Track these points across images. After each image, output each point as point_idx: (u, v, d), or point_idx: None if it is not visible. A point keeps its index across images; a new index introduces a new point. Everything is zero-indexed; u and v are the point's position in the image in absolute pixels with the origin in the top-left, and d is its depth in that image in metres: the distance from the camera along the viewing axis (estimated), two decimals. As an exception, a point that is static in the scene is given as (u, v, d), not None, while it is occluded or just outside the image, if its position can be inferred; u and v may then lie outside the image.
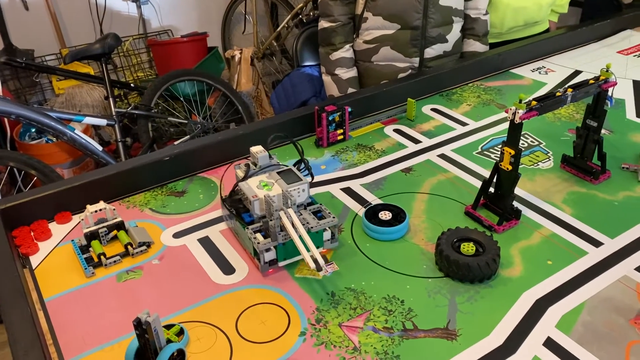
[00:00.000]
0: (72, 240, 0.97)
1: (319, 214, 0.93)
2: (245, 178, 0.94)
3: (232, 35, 3.63)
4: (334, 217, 0.91)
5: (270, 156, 0.97)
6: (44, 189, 1.04)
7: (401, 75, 1.67)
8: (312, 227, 0.88)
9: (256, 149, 0.97)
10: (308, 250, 0.84)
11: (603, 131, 1.22)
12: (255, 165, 0.96)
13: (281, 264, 0.90)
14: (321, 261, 0.82)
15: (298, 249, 0.84)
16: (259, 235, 0.88)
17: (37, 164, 1.98)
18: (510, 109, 0.91)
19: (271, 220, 0.86)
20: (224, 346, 0.77)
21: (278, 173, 0.94)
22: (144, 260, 0.94)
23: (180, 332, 0.77)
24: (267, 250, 0.87)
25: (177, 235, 0.99)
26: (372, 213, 1.00)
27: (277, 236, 0.86)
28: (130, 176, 1.10)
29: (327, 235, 0.93)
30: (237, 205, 0.95)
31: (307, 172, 1.00)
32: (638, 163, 1.14)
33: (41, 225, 1.01)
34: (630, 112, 1.37)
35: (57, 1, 3.03)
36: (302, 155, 1.01)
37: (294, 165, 0.98)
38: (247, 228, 0.89)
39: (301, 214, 0.91)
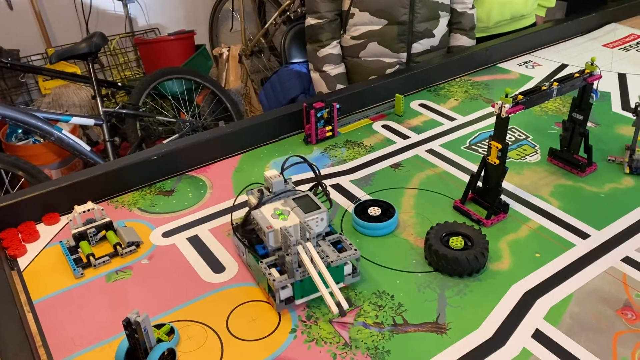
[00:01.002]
0: (61, 242, 0.97)
1: (338, 245, 0.84)
2: (258, 205, 0.85)
3: (219, 33, 3.61)
4: (355, 250, 0.82)
5: (285, 181, 0.89)
6: (31, 190, 1.04)
7: (389, 70, 1.67)
8: (332, 262, 0.80)
9: (270, 174, 0.88)
10: (327, 286, 0.76)
11: (589, 124, 1.23)
12: (269, 190, 0.88)
13: (298, 302, 0.81)
14: (344, 304, 0.74)
15: (318, 288, 0.76)
16: (274, 271, 0.79)
17: (24, 165, 1.97)
18: (497, 104, 0.91)
19: (288, 255, 0.77)
20: (215, 344, 0.77)
21: (294, 200, 0.85)
22: (133, 260, 0.93)
23: (171, 332, 0.77)
24: (283, 287, 0.79)
25: (166, 234, 0.99)
26: (361, 209, 1.00)
27: (294, 273, 0.77)
28: (118, 176, 1.10)
29: (348, 269, 0.84)
30: (249, 236, 0.87)
31: (325, 197, 0.92)
32: (624, 155, 1.15)
33: (29, 227, 1.00)
34: (616, 105, 1.38)
35: (42, 0, 3.00)
36: (319, 179, 0.92)
37: (310, 189, 0.91)
38: (261, 262, 0.81)
39: (319, 246, 0.82)
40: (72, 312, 0.84)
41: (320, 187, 0.93)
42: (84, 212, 0.96)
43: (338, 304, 0.74)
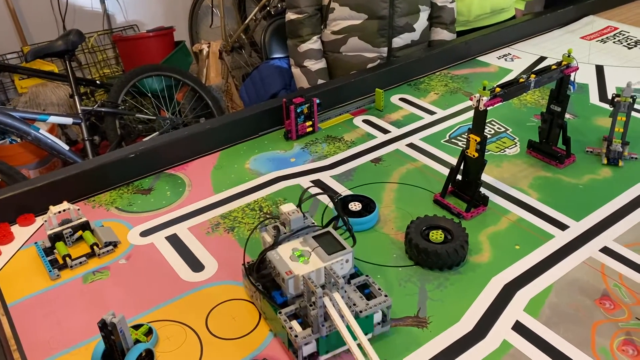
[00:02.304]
0: (36, 243, 0.95)
1: (366, 290, 0.76)
2: (275, 245, 0.75)
3: (199, 29, 3.58)
4: (386, 296, 0.73)
5: (304, 215, 0.79)
6: (5, 190, 1.01)
7: (370, 65, 1.66)
8: (360, 312, 0.71)
9: (288, 208, 0.78)
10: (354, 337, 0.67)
11: (567, 116, 1.24)
12: (285, 226, 0.78)
13: (322, 358, 0.72)
14: (376, 359, 0.64)
15: (346, 343, 0.66)
16: (295, 325, 0.70)
17: (0, 165, 1.93)
18: (475, 97, 0.91)
19: (312, 308, 0.68)
20: (194, 344, 0.76)
21: (315, 238, 0.76)
22: (110, 261, 0.92)
23: (149, 332, 0.76)
24: (307, 344, 0.69)
25: (144, 233, 0.98)
26: (342, 204, 0.99)
27: (320, 328, 0.68)
28: (95, 175, 1.08)
29: (377, 317, 0.74)
30: (264, 281, 0.76)
31: (347, 232, 0.79)
32: (602, 146, 1.16)
33: (3, 229, 0.98)
34: (594, 97, 1.39)
35: (17, -3, 2.95)
36: (340, 213, 0.79)
37: (330, 222, 0.80)
38: (280, 313, 0.71)
39: (345, 291, 0.72)
40: (48, 314, 0.82)
41: (341, 221, 0.80)
42: (59, 212, 0.94)
43: None
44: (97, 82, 2.68)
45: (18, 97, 2.85)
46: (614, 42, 1.72)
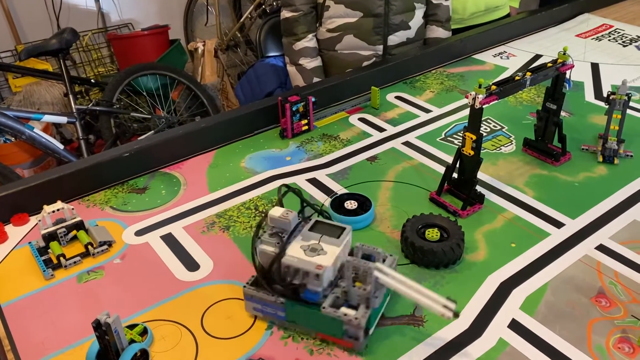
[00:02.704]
0: (30, 243, 0.94)
1: (372, 258, 0.76)
2: (282, 252, 0.73)
3: (194, 27, 3.56)
4: (391, 255, 0.77)
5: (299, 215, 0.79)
6: (-1, 190, 1.01)
7: (365, 63, 1.66)
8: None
9: (279, 212, 0.75)
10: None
11: (563, 113, 1.24)
12: (282, 232, 0.76)
13: (371, 330, 0.74)
14: (451, 303, 0.67)
15: (415, 300, 0.69)
16: (349, 311, 0.71)
17: (-6, 165, 1.92)
18: (470, 94, 0.91)
19: (361, 287, 0.70)
20: (190, 344, 0.76)
21: (311, 230, 0.76)
22: (105, 260, 0.91)
23: (144, 332, 0.76)
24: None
25: (139, 233, 0.97)
26: (337, 203, 0.99)
27: (373, 301, 0.71)
28: (89, 174, 1.07)
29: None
30: (283, 291, 0.74)
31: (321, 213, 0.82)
32: (597, 144, 1.16)
33: (-4, 228, 0.98)
34: (589, 94, 1.39)
35: (10, -4, 2.93)
36: (301, 197, 0.80)
37: (299, 212, 0.80)
38: (324, 308, 0.71)
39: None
40: (42, 314, 0.81)
41: (307, 205, 0.81)
42: (53, 211, 0.93)
43: (445, 306, 0.67)
44: (92, 80, 2.67)
45: (12, 96, 2.83)
46: (609, 40, 1.72)
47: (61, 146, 2.16)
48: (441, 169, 1.09)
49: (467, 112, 1.31)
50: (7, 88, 2.96)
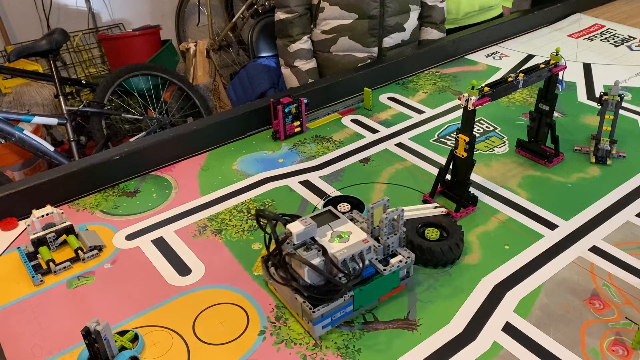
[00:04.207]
0: (19, 248, 0.93)
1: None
2: (325, 251, 0.74)
3: (186, 28, 3.54)
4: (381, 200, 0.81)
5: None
6: (-14, 194, 0.99)
7: (360, 65, 1.65)
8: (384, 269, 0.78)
9: (301, 225, 0.74)
10: None
11: (556, 114, 1.24)
12: (307, 241, 0.75)
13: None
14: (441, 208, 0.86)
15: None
16: (395, 260, 0.79)
17: (-17, 167, 1.90)
18: (463, 96, 0.91)
19: (399, 230, 0.79)
20: (181, 350, 0.75)
21: (325, 225, 0.77)
22: (95, 265, 0.90)
23: (135, 338, 0.75)
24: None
25: (130, 237, 0.96)
26: (330, 205, 0.98)
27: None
28: (79, 178, 1.06)
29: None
30: (357, 278, 0.76)
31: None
32: (590, 145, 1.16)
33: (-16, 233, 0.96)
34: (582, 95, 1.39)
35: (-1, -4, 2.90)
36: (271, 227, 0.76)
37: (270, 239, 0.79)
38: (385, 269, 0.77)
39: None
40: (31, 321, 0.80)
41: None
42: (42, 216, 0.92)
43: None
44: (83, 81, 2.64)
45: (2, 97, 2.80)
46: (601, 40, 1.73)
47: (52, 148, 2.14)
48: (434, 171, 1.09)
49: (460, 112, 1.30)
50: (-3, 89, 2.93)
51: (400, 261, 0.79)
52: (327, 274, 0.72)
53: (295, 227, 0.73)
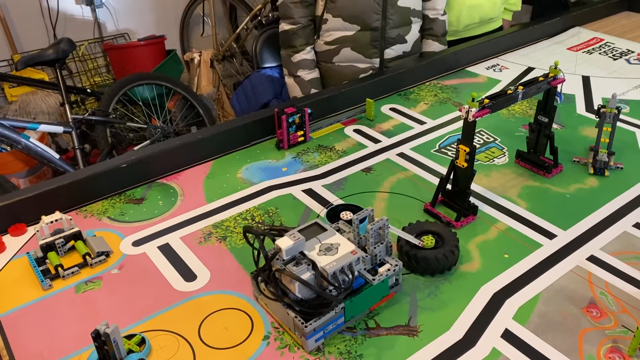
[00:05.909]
0: (28, 253, 0.94)
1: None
2: (314, 265, 0.74)
3: (190, 38, 3.59)
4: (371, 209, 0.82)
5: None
6: (-4, 200, 1.01)
7: (362, 75, 1.68)
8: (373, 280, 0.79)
9: (289, 240, 0.74)
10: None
11: (555, 126, 1.26)
12: (297, 255, 0.76)
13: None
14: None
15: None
16: (383, 268, 0.81)
17: (-10, 174, 1.92)
18: (464, 108, 0.93)
19: (384, 240, 0.81)
20: (187, 354, 0.76)
21: (312, 238, 0.77)
22: (103, 270, 0.92)
23: (142, 342, 0.76)
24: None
25: (136, 243, 0.98)
26: (333, 214, 1.00)
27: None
28: (87, 185, 1.08)
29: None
30: (347, 290, 0.76)
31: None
32: (588, 156, 1.18)
33: (-6, 239, 0.98)
34: (580, 107, 1.42)
35: (7, 6, 2.94)
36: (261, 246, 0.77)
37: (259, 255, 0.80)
38: (374, 279, 0.78)
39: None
40: (40, 325, 0.82)
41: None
42: (51, 222, 0.94)
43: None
44: (88, 90, 2.68)
45: (8, 105, 2.84)
46: (599, 53, 1.75)
47: (57, 156, 2.16)
48: (435, 180, 1.11)
49: (460, 123, 1.32)
50: (3, 97, 2.96)
51: (389, 269, 0.80)
52: (317, 288, 0.73)
53: (284, 243, 0.73)
